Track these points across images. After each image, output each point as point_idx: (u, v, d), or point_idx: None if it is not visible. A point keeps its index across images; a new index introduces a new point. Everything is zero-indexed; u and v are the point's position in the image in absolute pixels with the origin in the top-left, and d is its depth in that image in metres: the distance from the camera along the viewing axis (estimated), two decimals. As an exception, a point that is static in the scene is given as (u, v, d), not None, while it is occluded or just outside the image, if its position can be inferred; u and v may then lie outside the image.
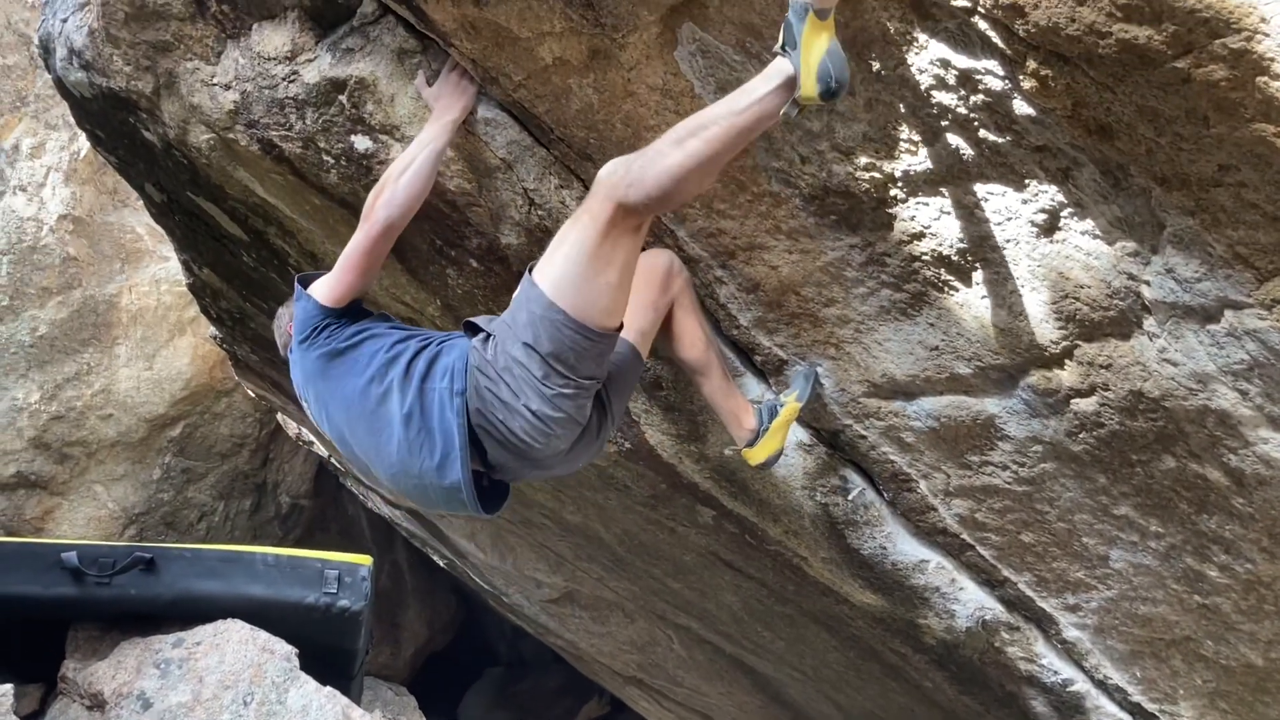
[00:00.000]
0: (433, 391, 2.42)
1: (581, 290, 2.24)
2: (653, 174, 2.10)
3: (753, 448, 2.87)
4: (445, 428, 2.40)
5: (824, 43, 1.93)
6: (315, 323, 2.63)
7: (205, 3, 2.93)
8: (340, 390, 2.57)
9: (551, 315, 2.25)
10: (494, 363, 2.35)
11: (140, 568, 3.22)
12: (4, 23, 6.54)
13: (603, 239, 2.18)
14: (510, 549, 6.10)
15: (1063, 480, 2.74)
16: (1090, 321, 2.27)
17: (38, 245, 6.55)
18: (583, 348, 2.29)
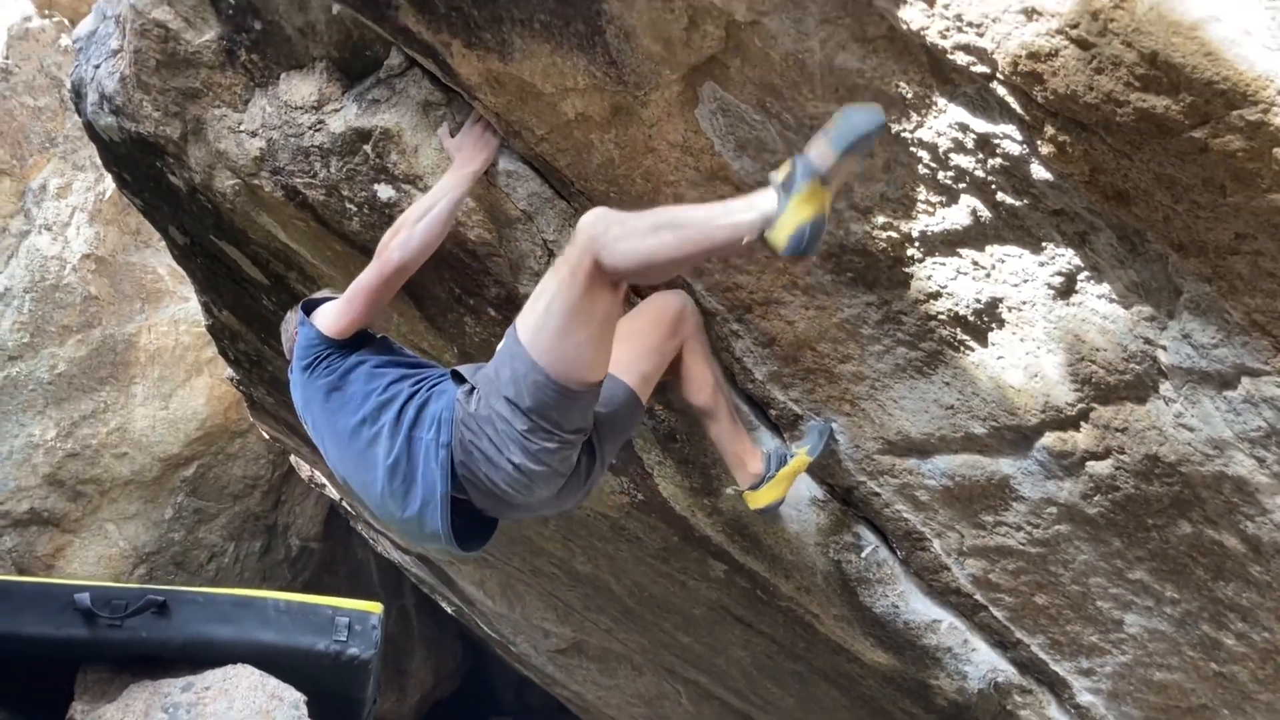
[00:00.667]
0: (419, 441, 2.44)
1: (562, 348, 2.24)
2: (623, 251, 2.11)
3: (755, 491, 2.87)
4: (429, 479, 2.43)
5: (814, 209, 1.97)
6: (316, 352, 2.64)
7: (235, 52, 2.99)
8: (334, 425, 2.61)
9: (534, 376, 2.26)
10: (477, 415, 2.36)
11: (152, 610, 3.21)
12: (36, 66, 6.66)
13: (582, 294, 2.17)
14: (519, 597, 6.07)
15: (1077, 543, 2.72)
16: (1106, 385, 2.27)
17: (60, 284, 6.62)
18: (564, 405, 2.30)
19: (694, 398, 2.80)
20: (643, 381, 2.65)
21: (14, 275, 6.50)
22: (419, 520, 2.48)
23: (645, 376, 2.65)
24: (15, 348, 6.48)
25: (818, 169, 1.95)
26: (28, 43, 6.67)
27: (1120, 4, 1.54)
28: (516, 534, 4.58)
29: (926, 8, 1.80)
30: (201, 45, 3.00)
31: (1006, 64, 1.75)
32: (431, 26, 2.45)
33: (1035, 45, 1.69)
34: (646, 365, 2.65)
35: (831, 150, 1.94)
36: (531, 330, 2.27)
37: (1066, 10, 1.61)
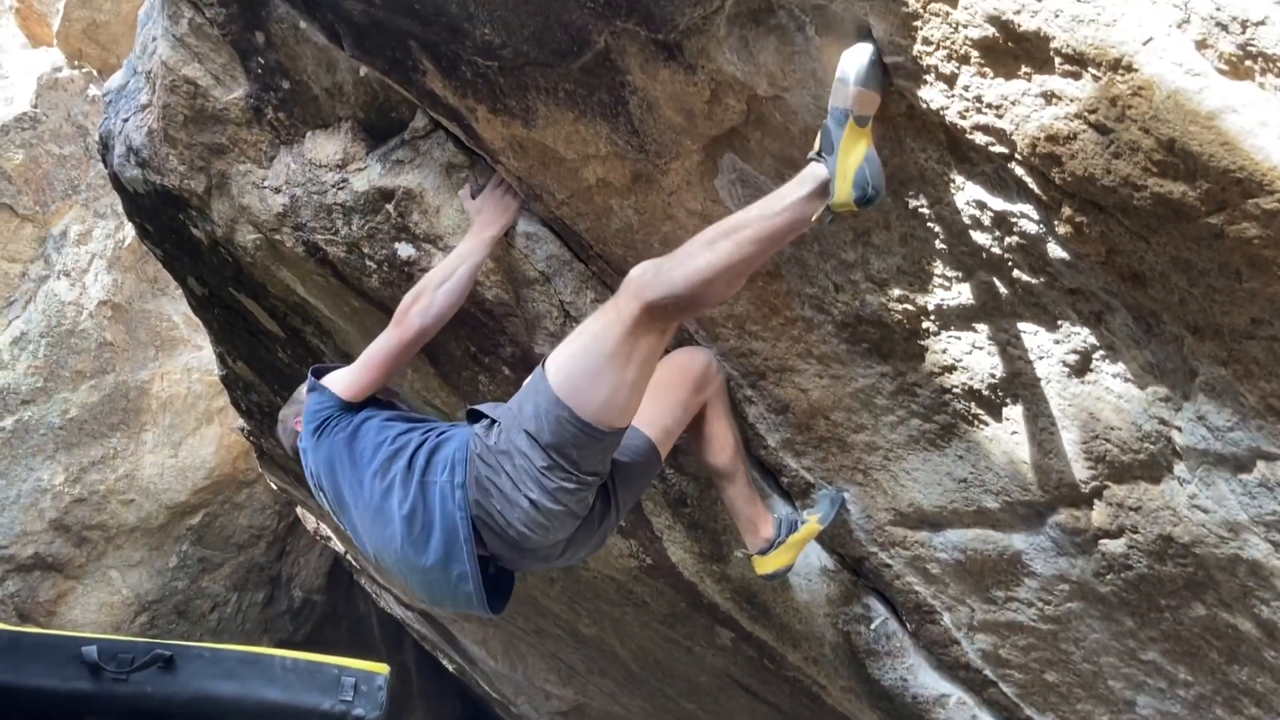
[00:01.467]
0: (433, 485, 2.40)
1: (594, 388, 2.22)
2: (681, 274, 2.09)
3: (764, 556, 2.85)
4: (448, 522, 2.37)
5: (862, 149, 1.94)
6: (327, 414, 2.63)
7: (262, 109, 3.04)
8: (347, 482, 2.57)
9: (558, 411, 2.23)
10: (495, 448, 2.33)
11: (159, 665, 3.19)
12: (64, 115, 6.78)
13: (625, 338, 2.16)
14: (521, 657, 6.02)
15: (1089, 621, 2.70)
16: (1120, 463, 2.27)
17: (76, 329, 6.68)
18: (585, 444, 2.27)
19: (714, 459, 2.77)
20: (664, 435, 2.63)
21: (31, 320, 6.56)
22: (444, 566, 2.41)
23: (667, 431, 2.64)
24: (29, 392, 6.52)
25: (846, 109, 1.92)
26: (56, 92, 6.79)
27: (1138, 91, 1.57)
28: (522, 594, 4.55)
29: (946, 88, 1.83)
30: (229, 102, 3.05)
31: (1025, 145, 1.77)
32: (457, 91, 2.49)
33: (1054, 128, 1.71)
34: (669, 420, 2.63)
35: (848, 88, 1.90)
36: (564, 369, 2.25)
37: (1085, 95, 1.64)
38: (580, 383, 2.22)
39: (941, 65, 1.81)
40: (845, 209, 1.99)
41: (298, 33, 2.80)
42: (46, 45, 7.48)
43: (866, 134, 1.95)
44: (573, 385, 2.22)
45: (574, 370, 2.23)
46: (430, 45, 2.43)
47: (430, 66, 2.49)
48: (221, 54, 3.00)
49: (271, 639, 7.60)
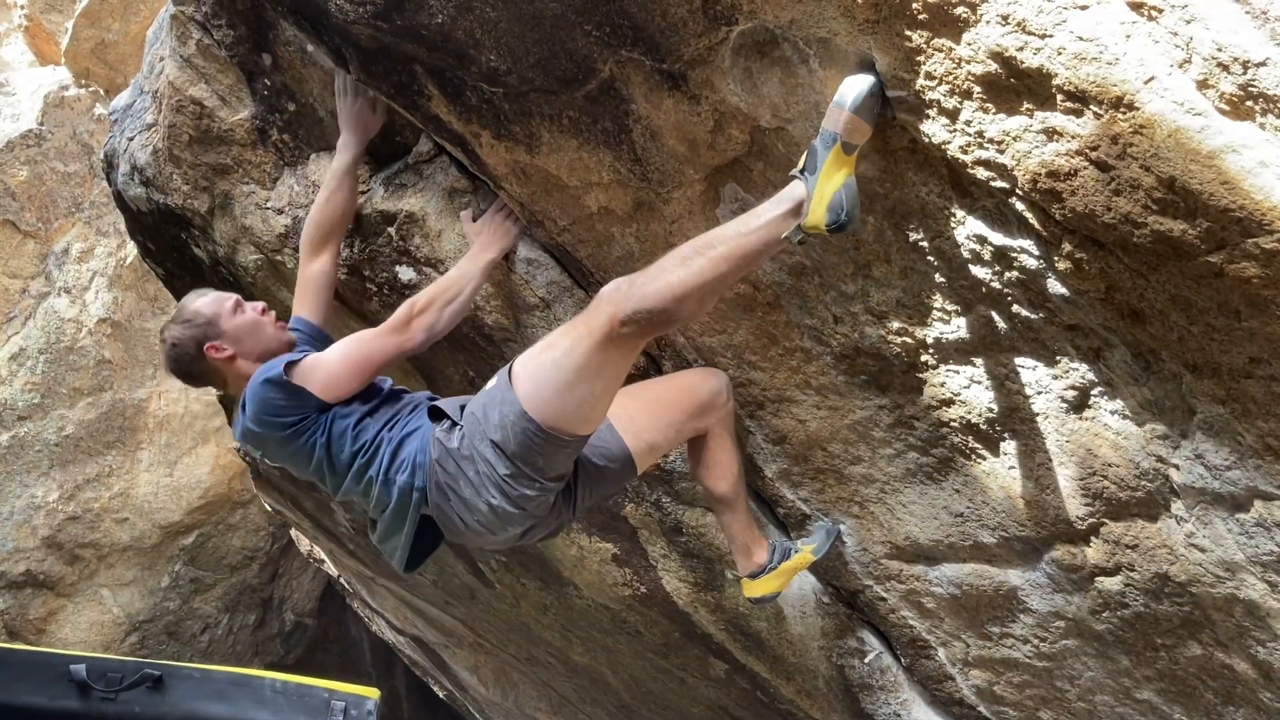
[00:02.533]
0: (393, 484, 2.47)
1: (561, 400, 2.22)
2: (653, 289, 2.08)
3: (754, 580, 2.83)
4: (400, 514, 2.50)
5: (843, 176, 1.96)
6: (302, 415, 2.52)
7: (267, 131, 3.06)
8: (327, 482, 2.62)
9: (524, 424, 2.24)
10: (457, 453, 2.35)
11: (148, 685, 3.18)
12: (69, 133, 6.81)
13: (594, 352, 2.15)
14: (513, 685, 5.98)
15: (1084, 659, 2.69)
16: (1117, 500, 2.26)
17: (74, 346, 6.68)
18: (551, 452, 2.29)
19: (714, 485, 2.75)
20: (647, 450, 2.62)
21: (30, 336, 6.56)
22: (384, 538, 2.61)
23: (652, 446, 2.63)
24: (25, 408, 6.51)
25: (834, 133, 1.93)
26: (63, 110, 6.83)
27: (1140, 130, 1.58)
28: (514, 621, 4.53)
29: (949, 123, 1.84)
30: (235, 123, 3.07)
31: (1026, 181, 1.78)
32: (462, 117, 2.51)
33: (1055, 164, 1.72)
34: (658, 437, 2.61)
35: (842, 112, 1.90)
36: (532, 380, 2.25)
37: (1087, 133, 1.65)
38: (548, 395, 2.23)
39: (944, 100, 1.82)
40: (816, 231, 2.01)
41: (305, 56, 2.82)
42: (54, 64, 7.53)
43: (851, 162, 1.97)
44: (540, 398, 2.23)
45: (541, 382, 2.23)
46: (436, 70, 2.45)
47: (435, 92, 2.50)
48: (228, 75, 3.01)
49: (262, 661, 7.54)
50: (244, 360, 2.65)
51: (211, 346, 2.64)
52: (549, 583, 3.90)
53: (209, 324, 2.67)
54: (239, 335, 2.66)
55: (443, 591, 4.77)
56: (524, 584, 4.06)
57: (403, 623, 6.29)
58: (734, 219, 2.13)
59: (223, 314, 2.68)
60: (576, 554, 3.53)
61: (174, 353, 2.70)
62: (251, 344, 2.67)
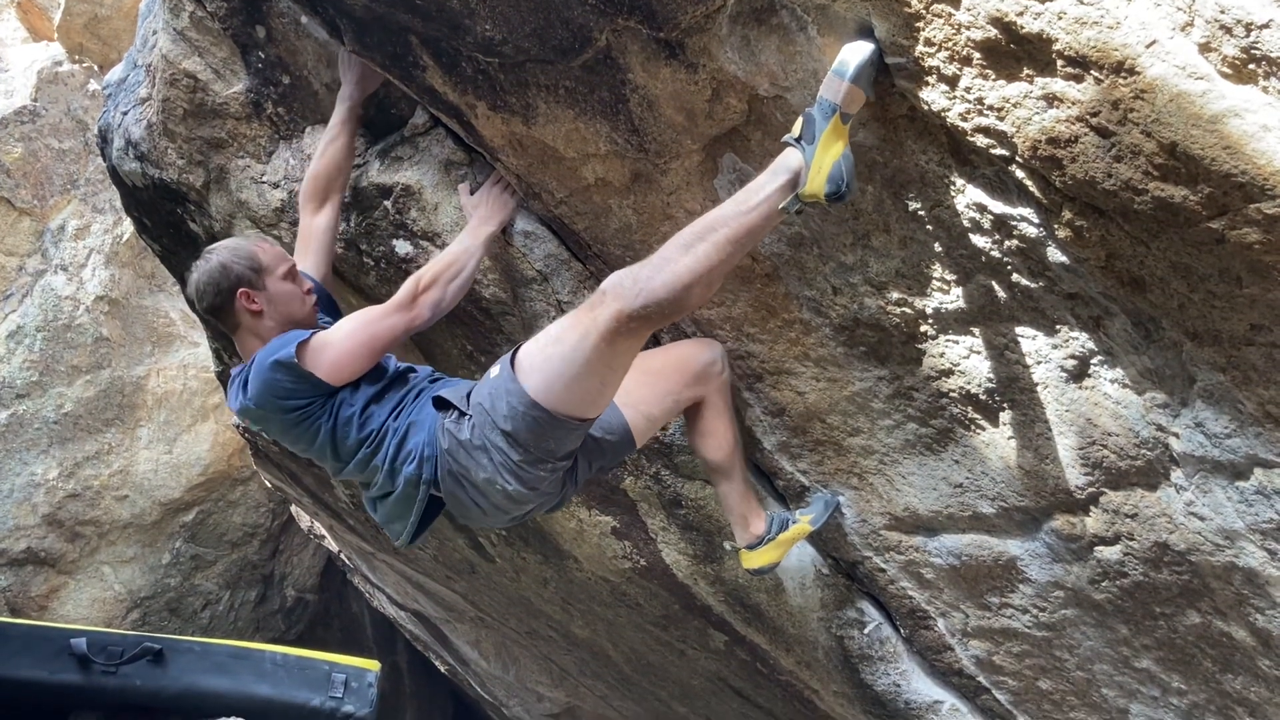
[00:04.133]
0: (400, 474, 2.50)
1: (570, 391, 2.24)
2: (660, 282, 2.06)
3: (752, 551, 2.84)
4: (407, 503, 2.54)
5: (840, 146, 1.97)
6: (310, 399, 2.50)
7: (262, 104, 3.03)
8: (329, 464, 2.64)
9: (535, 413, 2.26)
10: (469, 444, 2.37)
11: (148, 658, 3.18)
12: (64, 109, 6.77)
13: (602, 346, 2.14)
14: (514, 659, 6.00)
15: (1083, 628, 2.69)
16: (1117, 470, 2.26)
17: (72, 324, 6.66)
18: (562, 436, 2.32)
19: (710, 454, 2.76)
20: (646, 422, 2.63)
21: (27, 314, 6.54)
22: (387, 525, 2.66)
23: (649, 418, 2.63)
24: (24, 386, 6.50)
25: (833, 103, 1.92)
26: (57, 86, 6.78)
27: (1141, 95, 1.57)
28: (515, 595, 4.54)
29: (948, 90, 1.83)
30: (229, 97, 3.05)
31: (1026, 148, 1.77)
32: (458, 88, 2.49)
33: (1055, 131, 1.71)
34: (654, 408, 2.62)
35: (843, 81, 1.89)
36: (539, 373, 2.25)
37: (1087, 98, 1.64)
38: (556, 386, 2.24)
39: (944, 67, 1.80)
40: (814, 200, 2.01)
41: (299, 28, 2.80)
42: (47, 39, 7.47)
43: (846, 131, 1.97)
44: (549, 388, 2.24)
45: (550, 375, 2.24)
46: (431, 41, 2.42)
47: (430, 62, 2.48)
48: (222, 48, 2.99)
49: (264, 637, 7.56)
50: (268, 322, 2.61)
51: (246, 294, 2.58)
52: (549, 556, 3.91)
53: (259, 273, 2.61)
54: (277, 298, 2.62)
55: (443, 566, 4.78)
56: (524, 558, 4.06)
57: (403, 598, 6.31)
58: (731, 197, 2.11)
59: (277, 271, 2.63)
60: (576, 527, 3.53)
61: (211, 275, 2.60)
62: (284, 312, 2.63)
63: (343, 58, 2.78)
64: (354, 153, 2.88)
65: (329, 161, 2.82)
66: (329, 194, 2.85)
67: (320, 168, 2.83)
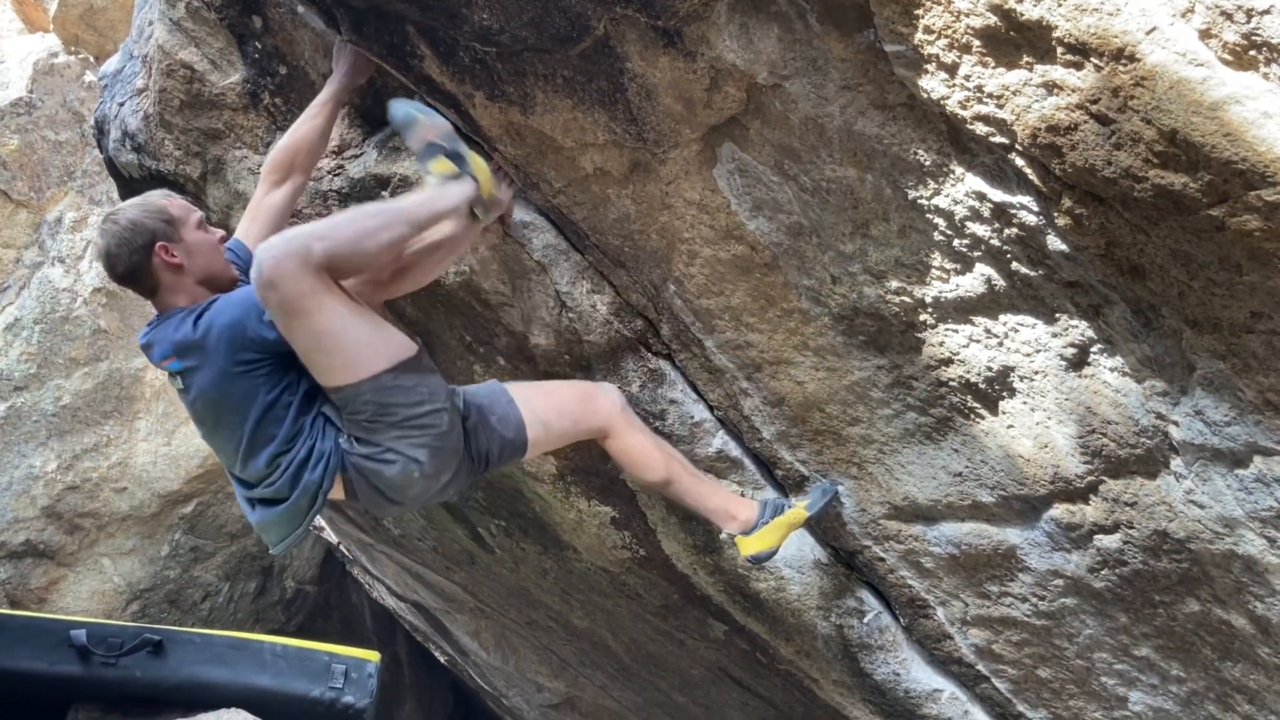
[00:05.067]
0: (301, 482, 2.45)
1: (342, 356, 2.37)
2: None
3: (748, 537, 2.84)
4: (290, 522, 2.52)
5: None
6: (270, 355, 2.41)
7: (259, 95, 3.03)
8: (233, 410, 2.47)
9: (362, 395, 2.37)
10: (368, 456, 2.44)
11: (148, 650, 3.18)
12: (60, 101, 6.74)
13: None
14: (514, 649, 6.01)
15: (1083, 616, 2.69)
16: (1116, 458, 2.26)
17: (70, 316, 6.65)
18: (397, 392, 2.39)
19: (647, 477, 2.81)
20: (542, 428, 2.70)
21: (25, 306, 6.53)
22: (265, 531, 2.59)
23: (546, 426, 2.71)
24: (22, 378, 6.49)
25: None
26: (52, 77, 6.76)
27: (1141, 82, 1.56)
28: (514, 585, 4.54)
29: (947, 78, 1.82)
30: (226, 87, 3.04)
31: (1025, 136, 1.76)
32: (455, 78, 2.48)
33: (1055, 119, 1.70)
34: (552, 418, 2.71)
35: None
36: (339, 362, 2.35)
37: (1087, 86, 1.63)
38: (343, 360, 2.37)
39: (943, 54, 1.80)
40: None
41: (295, 17, 2.79)
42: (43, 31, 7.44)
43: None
44: (356, 365, 2.37)
45: (344, 356, 2.37)
46: (428, 30, 2.42)
47: (428, 52, 2.47)
48: (218, 38, 2.98)
49: (264, 629, 7.57)
50: (186, 278, 2.53)
51: (164, 248, 2.49)
52: (548, 547, 3.91)
53: (172, 224, 2.53)
54: (195, 249, 2.53)
55: (443, 557, 4.78)
56: (523, 548, 4.06)
57: (403, 589, 6.31)
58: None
59: (189, 222, 2.56)
60: (576, 518, 3.53)
61: (122, 235, 2.50)
62: (203, 264, 2.55)
63: (337, 46, 2.76)
64: (328, 138, 2.84)
65: (300, 138, 2.77)
66: (291, 171, 2.79)
67: (290, 142, 2.78)
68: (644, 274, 2.71)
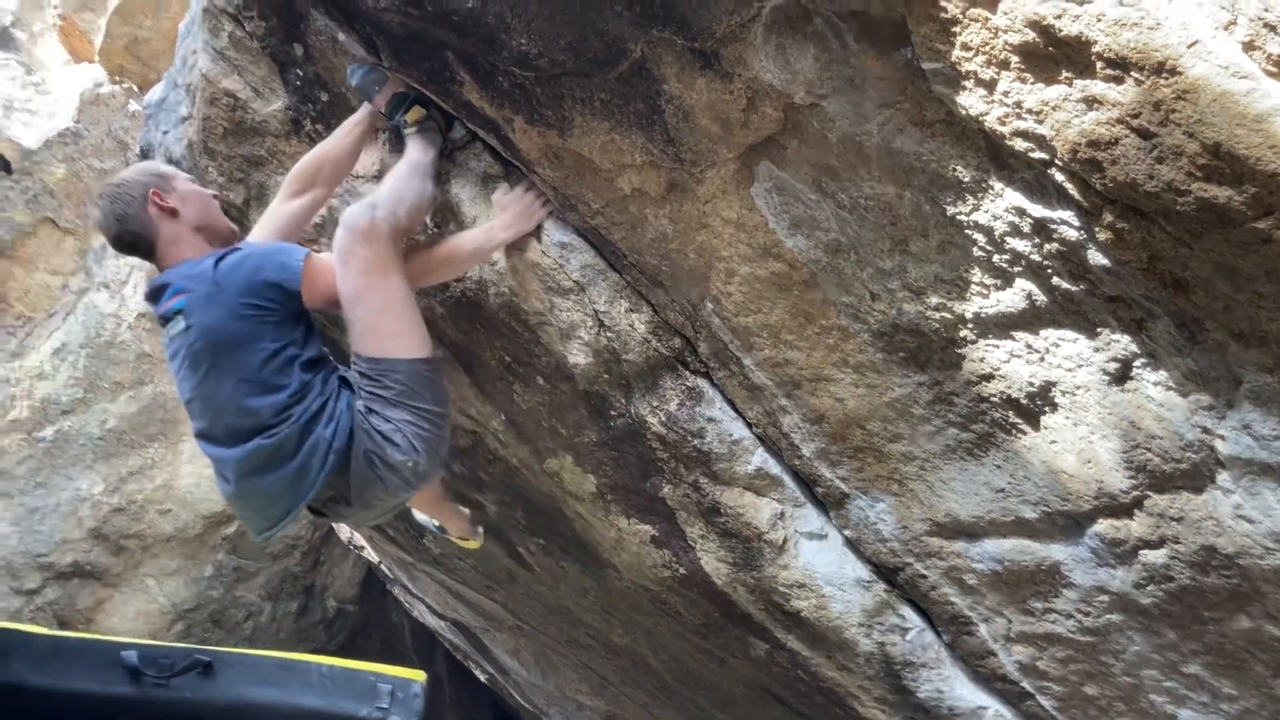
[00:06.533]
0: (310, 439, 2.45)
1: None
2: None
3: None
4: (290, 488, 2.51)
5: None
6: (279, 304, 2.46)
7: (300, 121, 3.07)
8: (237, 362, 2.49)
9: (406, 369, 2.51)
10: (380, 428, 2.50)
11: (198, 671, 3.21)
12: (105, 130, 6.88)
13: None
14: (554, 668, 6.01)
15: (1129, 633, 2.66)
16: (1162, 473, 2.24)
17: (115, 340, 6.76)
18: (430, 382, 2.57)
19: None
20: None
21: (71, 331, 6.65)
22: (255, 509, 2.62)
23: None
24: (69, 402, 6.60)
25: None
26: (98, 107, 6.90)
27: (1183, 95, 1.56)
28: (554, 604, 4.55)
29: (986, 94, 1.82)
30: (268, 114, 3.09)
31: (1065, 151, 1.76)
32: (494, 102, 2.51)
33: (1095, 133, 1.70)
34: None
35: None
36: (380, 337, 2.48)
37: (1128, 100, 1.63)
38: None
39: (981, 71, 1.80)
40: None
41: (336, 45, 2.83)
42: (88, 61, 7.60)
43: None
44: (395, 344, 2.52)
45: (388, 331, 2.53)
46: (467, 56, 2.45)
47: (467, 77, 2.50)
48: (260, 66, 3.03)
49: (306, 648, 7.63)
50: (183, 226, 2.58)
51: (156, 193, 2.57)
52: (588, 565, 3.92)
53: (161, 177, 2.63)
54: (187, 197, 2.62)
55: (483, 575, 4.80)
56: (563, 566, 4.08)
57: (443, 607, 6.34)
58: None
59: (179, 177, 2.67)
60: (615, 536, 3.54)
61: (116, 195, 2.59)
62: (198, 209, 2.62)
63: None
64: (356, 158, 2.91)
65: (328, 153, 2.84)
66: (314, 184, 2.84)
67: (317, 155, 2.84)
68: (682, 292, 2.72)
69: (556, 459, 3.41)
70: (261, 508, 2.57)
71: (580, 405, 3.13)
